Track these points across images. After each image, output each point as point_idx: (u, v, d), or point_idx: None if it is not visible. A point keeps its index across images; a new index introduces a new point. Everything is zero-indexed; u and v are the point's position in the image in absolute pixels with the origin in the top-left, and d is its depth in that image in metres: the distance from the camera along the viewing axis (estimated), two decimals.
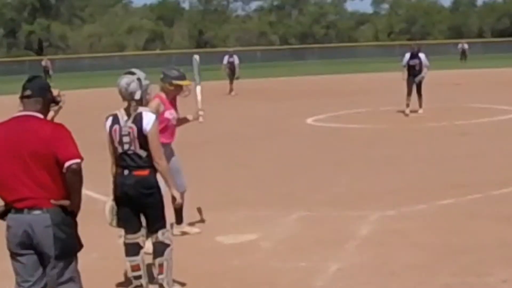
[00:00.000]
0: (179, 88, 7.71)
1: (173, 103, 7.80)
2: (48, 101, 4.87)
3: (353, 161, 12.98)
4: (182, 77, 7.75)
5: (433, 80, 30.59)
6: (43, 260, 4.75)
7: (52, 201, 4.66)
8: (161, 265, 6.00)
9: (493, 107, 20.53)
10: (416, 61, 19.62)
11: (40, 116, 4.77)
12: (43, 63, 49.28)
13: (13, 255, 4.80)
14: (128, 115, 5.88)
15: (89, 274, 6.33)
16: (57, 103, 4.97)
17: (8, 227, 4.72)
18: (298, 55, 77.59)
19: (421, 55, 19.73)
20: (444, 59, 54.54)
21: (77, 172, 4.63)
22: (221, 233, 8.08)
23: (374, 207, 9.15)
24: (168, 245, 6.02)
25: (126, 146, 5.84)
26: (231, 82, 30.09)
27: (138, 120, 5.84)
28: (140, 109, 5.90)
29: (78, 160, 4.64)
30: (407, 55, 19.84)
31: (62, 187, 4.66)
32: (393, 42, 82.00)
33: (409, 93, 19.60)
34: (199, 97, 7.94)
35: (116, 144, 5.87)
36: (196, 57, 8.00)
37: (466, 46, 54.97)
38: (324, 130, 17.88)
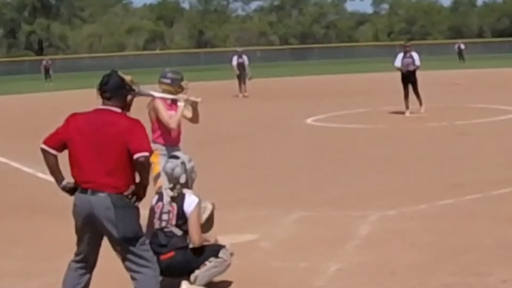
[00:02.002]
0: (182, 88, 7.83)
1: (175, 104, 7.86)
2: (125, 94, 5.41)
3: (353, 161, 12.98)
4: (183, 77, 7.92)
5: (433, 80, 30.63)
6: (110, 241, 5.31)
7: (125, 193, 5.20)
8: (205, 264, 6.08)
9: (493, 107, 20.52)
10: (409, 60, 19.34)
11: (118, 110, 5.35)
12: (44, 62, 49.09)
13: (77, 230, 5.38)
14: (173, 195, 6.14)
15: None
16: (132, 88, 5.47)
17: (74, 205, 5.29)
18: (298, 55, 77.60)
19: (414, 54, 19.52)
20: (444, 59, 54.59)
21: (144, 164, 5.16)
22: (221, 233, 8.07)
23: (374, 207, 9.15)
24: (225, 260, 6.15)
25: (163, 223, 6.07)
26: (241, 83, 29.07)
27: (179, 201, 6.09)
28: (184, 191, 6.16)
29: (146, 154, 5.15)
30: (400, 55, 19.57)
31: (127, 176, 5.19)
32: (393, 42, 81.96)
33: (406, 96, 19.40)
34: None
35: (155, 219, 6.11)
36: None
37: (462, 46, 54.91)
38: (324, 130, 17.88)
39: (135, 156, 5.12)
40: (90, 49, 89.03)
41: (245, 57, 29.45)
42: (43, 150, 5.47)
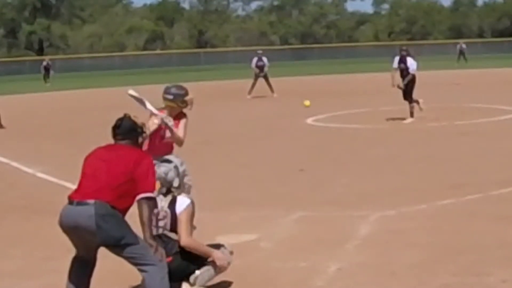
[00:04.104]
0: (186, 103, 7.84)
1: (177, 120, 7.86)
2: (137, 136, 5.74)
3: (353, 161, 12.99)
4: (188, 92, 7.89)
5: (433, 80, 30.65)
6: (96, 246, 5.49)
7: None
8: (205, 264, 6.06)
9: (493, 107, 20.53)
10: (403, 66, 18.28)
11: (127, 145, 5.67)
12: (44, 63, 48.99)
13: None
14: (167, 200, 6.13)
15: None
16: (143, 131, 5.81)
17: (60, 215, 5.49)
18: (298, 55, 77.60)
19: (408, 59, 18.33)
20: (444, 59, 54.60)
21: (146, 204, 5.45)
22: (221, 233, 8.08)
23: (374, 207, 9.15)
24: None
25: (160, 230, 6.04)
26: (254, 84, 28.83)
27: (172, 204, 6.08)
28: (178, 194, 6.14)
29: (150, 194, 5.47)
30: (397, 58, 18.54)
31: (117, 192, 5.38)
32: (393, 42, 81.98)
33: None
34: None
35: (153, 227, 6.04)
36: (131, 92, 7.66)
37: (464, 46, 54.90)
38: (324, 130, 17.88)
39: (139, 196, 5.44)
40: (90, 49, 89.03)
41: (265, 59, 29.19)
42: None
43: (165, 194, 6.16)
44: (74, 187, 5.70)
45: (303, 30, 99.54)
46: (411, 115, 18.38)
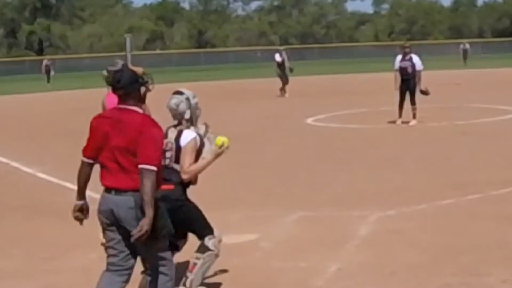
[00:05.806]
0: None
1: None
2: (138, 88, 5.16)
3: (353, 161, 12.98)
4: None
5: (433, 80, 30.62)
6: (129, 238, 5.06)
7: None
8: (195, 264, 6.03)
9: (493, 107, 20.53)
10: (407, 64, 17.55)
11: (135, 109, 5.11)
12: (45, 62, 48.92)
13: (104, 229, 5.22)
14: (175, 132, 6.08)
15: (89, 274, 6.34)
16: (145, 81, 5.23)
17: (99, 204, 5.15)
18: (298, 55, 77.52)
19: (414, 56, 17.67)
20: (445, 59, 54.58)
21: (148, 177, 4.90)
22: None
23: (374, 207, 9.15)
24: (211, 250, 6.07)
25: (167, 161, 6.01)
26: (284, 82, 29.07)
27: (177, 136, 6.06)
28: (186, 128, 6.09)
29: (149, 167, 4.92)
30: (398, 58, 17.72)
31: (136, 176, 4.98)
32: (394, 42, 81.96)
33: (401, 104, 17.70)
34: None
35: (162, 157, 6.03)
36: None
37: (467, 46, 54.86)
38: (324, 130, 17.88)
39: (140, 166, 4.95)
40: (90, 49, 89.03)
41: (284, 56, 29.41)
42: (81, 162, 5.26)
43: (175, 126, 6.12)
44: (74, 187, 5.67)
45: (303, 30, 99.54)
46: (414, 116, 17.80)
